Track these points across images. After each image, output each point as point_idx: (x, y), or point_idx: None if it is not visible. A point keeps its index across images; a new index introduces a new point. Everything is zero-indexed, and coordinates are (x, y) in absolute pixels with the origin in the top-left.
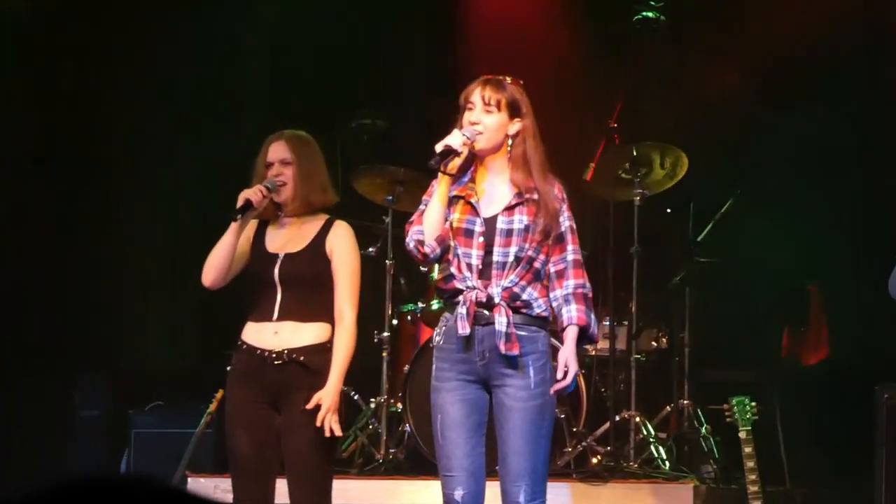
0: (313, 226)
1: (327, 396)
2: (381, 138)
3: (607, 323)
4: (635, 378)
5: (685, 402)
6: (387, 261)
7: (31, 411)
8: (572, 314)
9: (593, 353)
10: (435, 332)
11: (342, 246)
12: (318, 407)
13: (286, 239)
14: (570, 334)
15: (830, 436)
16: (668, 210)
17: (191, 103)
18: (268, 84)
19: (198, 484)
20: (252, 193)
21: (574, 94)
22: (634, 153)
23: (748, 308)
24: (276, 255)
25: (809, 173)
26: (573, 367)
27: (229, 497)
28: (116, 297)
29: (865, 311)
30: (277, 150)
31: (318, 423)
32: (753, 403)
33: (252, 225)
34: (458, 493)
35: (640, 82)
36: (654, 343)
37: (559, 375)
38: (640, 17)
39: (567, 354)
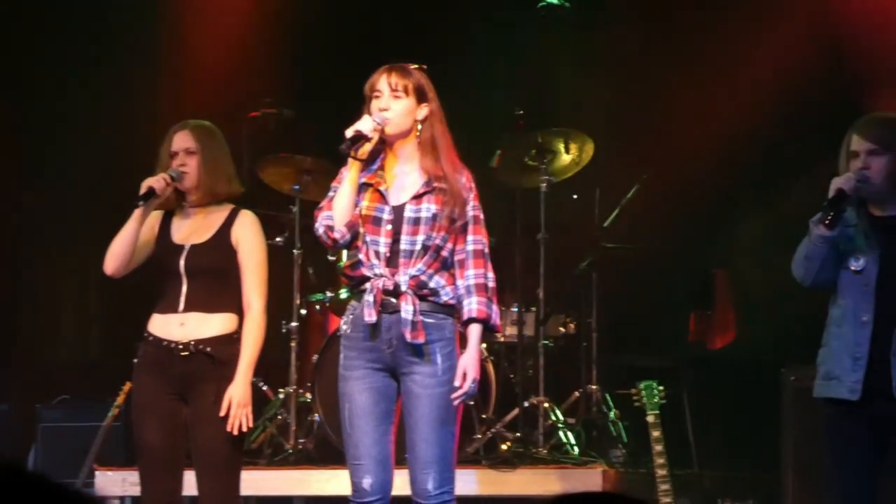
0: (218, 216)
1: (237, 390)
2: (288, 128)
3: (515, 309)
4: (543, 364)
5: (593, 387)
6: (294, 250)
7: None
8: (472, 307)
9: (502, 339)
10: (342, 321)
11: (248, 236)
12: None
13: (191, 230)
14: (473, 335)
15: (738, 419)
16: (575, 196)
17: (94, 90)
18: (174, 75)
19: (106, 477)
20: (155, 181)
21: (480, 82)
22: (540, 140)
23: (655, 292)
24: (181, 246)
25: (715, 157)
26: (471, 374)
27: (138, 490)
28: (22, 290)
29: (772, 295)
30: (182, 140)
31: (231, 422)
32: (661, 388)
33: (157, 215)
34: (367, 482)
35: (544, 68)
36: (561, 329)
37: (457, 382)
38: (544, 3)
39: (467, 361)
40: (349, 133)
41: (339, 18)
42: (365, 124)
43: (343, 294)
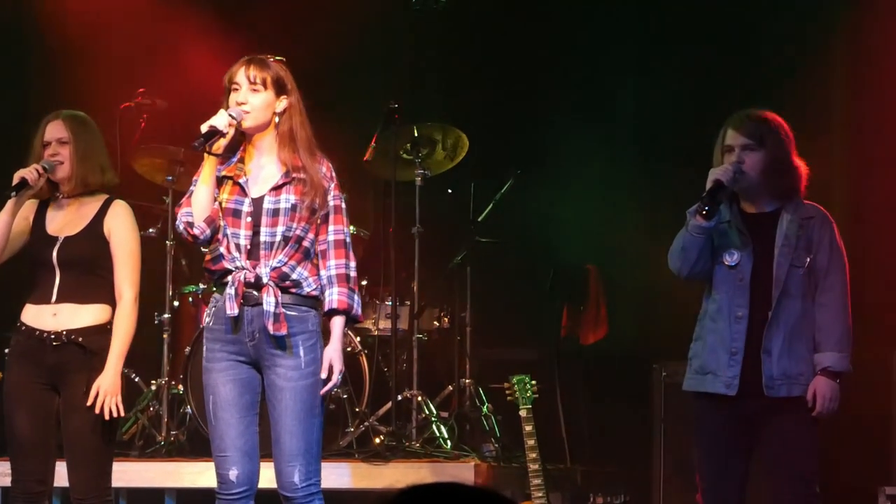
0: (91, 207)
1: (106, 379)
2: (161, 118)
3: (389, 303)
4: (417, 357)
5: (467, 381)
6: (167, 241)
7: None
8: (333, 297)
9: (375, 332)
10: (205, 313)
11: (120, 226)
12: (95, 397)
13: (65, 221)
14: (336, 326)
15: (610, 413)
16: (450, 190)
17: None
18: (49, 64)
19: None
20: (27, 172)
21: (354, 74)
22: (416, 133)
23: (529, 287)
24: (55, 238)
25: (588, 154)
26: (338, 366)
27: (8, 479)
28: None
29: (643, 291)
30: (54, 130)
31: (98, 410)
32: (534, 382)
33: (31, 205)
34: (233, 473)
35: (421, 62)
36: (436, 322)
37: (323, 375)
38: None
39: (332, 353)
40: (203, 129)
41: (215, 5)
42: (220, 120)
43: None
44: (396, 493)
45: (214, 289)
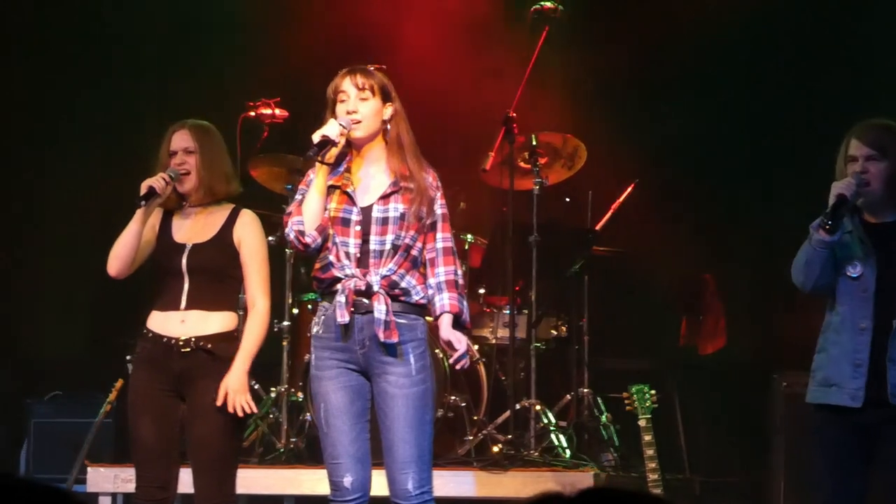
0: (219, 215)
1: (234, 379)
2: (280, 127)
3: (507, 312)
4: (535, 366)
5: (585, 390)
6: (287, 250)
7: None
8: (445, 302)
9: (493, 341)
10: (313, 322)
11: (250, 235)
12: (224, 397)
13: (193, 229)
14: (445, 321)
15: (729, 424)
16: (567, 199)
17: (90, 92)
18: (167, 74)
19: (98, 474)
20: (155, 181)
21: (473, 83)
22: (534, 143)
23: (646, 297)
24: (183, 245)
25: (707, 163)
26: (456, 338)
27: (130, 486)
28: (14, 287)
29: (763, 301)
30: (180, 139)
31: (231, 409)
32: (653, 392)
33: (157, 214)
34: (347, 480)
35: (539, 72)
36: (553, 331)
37: (449, 352)
38: (538, 5)
39: (447, 334)
40: (316, 138)
41: (334, 19)
42: (331, 129)
43: None
44: (575, 495)
45: (324, 297)
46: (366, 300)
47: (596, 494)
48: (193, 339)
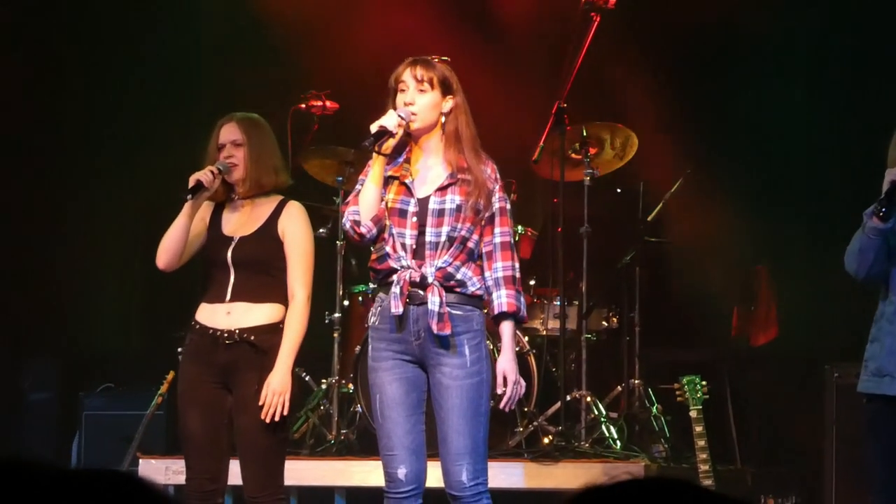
0: (266, 208)
1: (276, 378)
2: (330, 119)
3: (558, 303)
4: (586, 358)
5: (636, 381)
6: (337, 241)
7: None
8: (502, 300)
9: (544, 333)
10: (370, 313)
11: (294, 227)
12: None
13: (240, 221)
14: (506, 334)
15: (780, 414)
16: (618, 190)
17: (142, 89)
18: (218, 66)
19: (149, 465)
20: (203, 174)
21: (524, 74)
22: (584, 133)
23: (698, 287)
24: (230, 238)
25: (758, 153)
26: (511, 377)
27: (181, 478)
28: (65, 279)
29: (814, 291)
30: (229, 132)
31: (265, 412)
32: (704, 383)
33: (207, 207)
34: (402, 472)
35: (589, 62)
36: (604, 323)
37: (499, 389)
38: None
39: (505, 365)
40: (373, 128)
41: (380, 12)
42: (389, 120)
43: None
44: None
45: (380, 288)
46: (420, 291)
47: (638, 485)
48: (237, 331)
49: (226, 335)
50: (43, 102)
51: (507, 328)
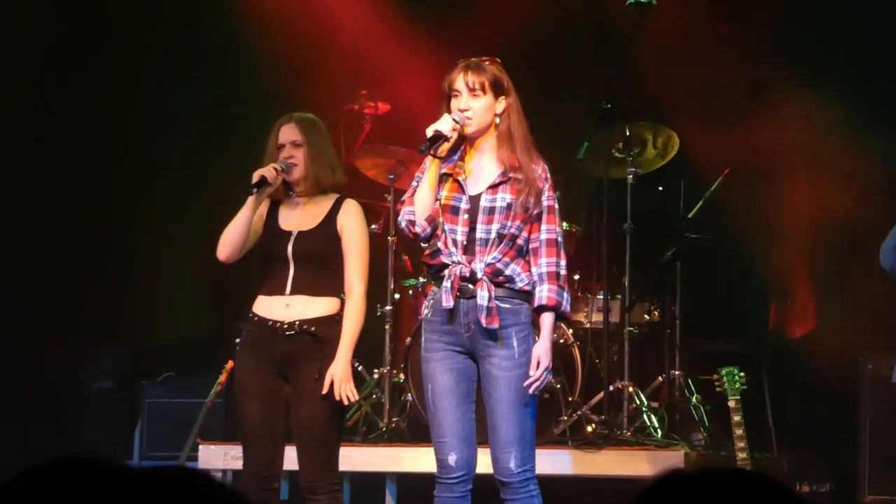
0: (324, 205)
1: (338, 368)
2: (382, 119)
3: (601, 297)
4: (628, 350)
5: (676, 372)
6: (389, 237)
7: (45, 383)
8: (543, 294)
9: (587, 326)
10: (424, 305)
11: (352, 223)
12: (330, 385)
13: (299, 217)
14: (545, 323)
15: (816, 405)
16: (660, 188)
17: (201, 89)
18: (273, 69)
19: (209, 451)
20: (267, 171)
21: (569, 74)
22: (627, 133)
23: (737, 282)
24: (289, 233)
25: (795, 151)
26: (544, 363)
27: (239, 463)
28: (129, 270)
29: (851, 284)
30: (288, 132)
31: (337, 397)
32: (742, 374)
33: (265, 204)
34: (452, 458)
35: (633, 61)
36: (646, 316)
37: (531, 371)
38: (632, 1)
39: (540, 350)
40: (429, 132)
41: (430, 10)
42: (444, 124)
43: None
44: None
45: (433, 282)
46: (470, 286)
47: (720, 475)
48: (297, 323)
49: (286, 326)
50: (121, 108)
51: (546, 318)
